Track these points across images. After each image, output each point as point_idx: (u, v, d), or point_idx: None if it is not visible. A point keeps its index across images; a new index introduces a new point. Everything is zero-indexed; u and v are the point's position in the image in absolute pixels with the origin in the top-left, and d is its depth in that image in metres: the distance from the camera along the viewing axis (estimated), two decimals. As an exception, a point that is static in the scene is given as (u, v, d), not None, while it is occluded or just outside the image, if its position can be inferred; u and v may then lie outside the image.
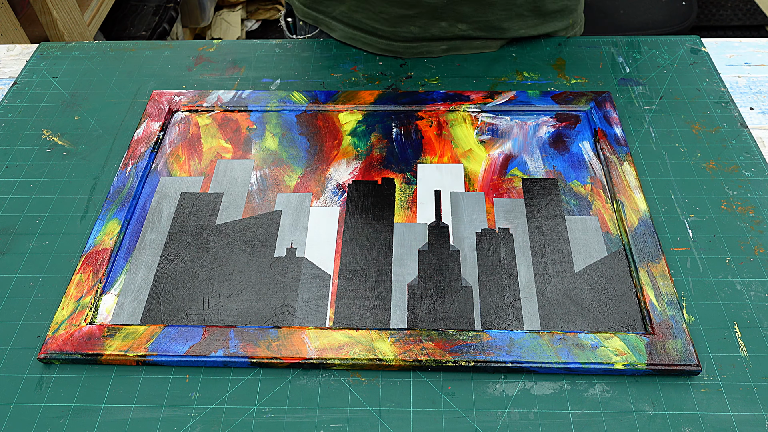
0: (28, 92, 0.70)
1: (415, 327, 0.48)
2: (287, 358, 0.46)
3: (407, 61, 0.72)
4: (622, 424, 0.43)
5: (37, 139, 0.65)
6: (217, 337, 0.47)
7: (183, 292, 0.50)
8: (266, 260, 0.53)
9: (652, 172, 0.59)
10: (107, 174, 0.61)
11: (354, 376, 0.46)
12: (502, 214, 0.55)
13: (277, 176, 0.59)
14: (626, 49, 0.73)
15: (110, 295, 0.50)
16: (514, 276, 0.51)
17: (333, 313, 0.49)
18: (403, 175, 0.59)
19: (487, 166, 0.60)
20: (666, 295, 0.48)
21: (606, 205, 0.56)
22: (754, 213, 0.55)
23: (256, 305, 0.49)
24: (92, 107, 0.68)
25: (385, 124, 0.64)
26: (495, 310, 0.49)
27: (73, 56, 0.75)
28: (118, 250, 0.53)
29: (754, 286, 0.50)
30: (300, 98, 0.66)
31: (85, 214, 0.57)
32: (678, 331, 0.46)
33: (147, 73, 0.72)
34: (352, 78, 0.71)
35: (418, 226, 0.55)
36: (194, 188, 0.59)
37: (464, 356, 0.45)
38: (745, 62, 0.72)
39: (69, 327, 0.48)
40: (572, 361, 0.45)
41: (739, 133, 0.62)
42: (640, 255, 0.51)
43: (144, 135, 0.63)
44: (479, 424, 0.43)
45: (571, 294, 0.50)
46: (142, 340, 0.47)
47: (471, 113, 0.65)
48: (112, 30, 1.64)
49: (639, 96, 0.67)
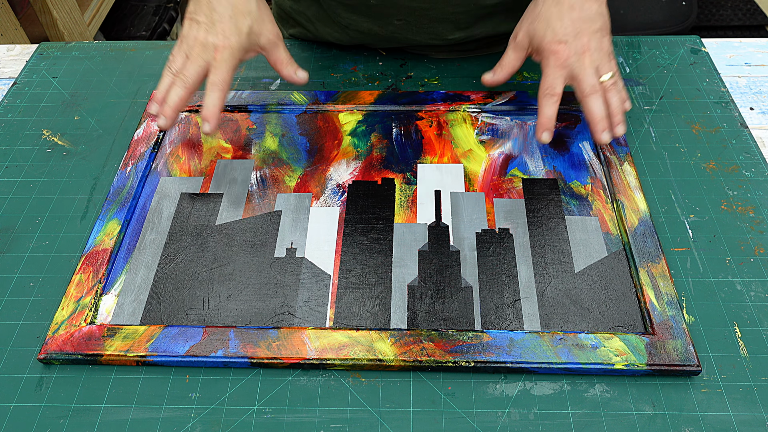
0: (28, 92, 0.70)
1: (415, 327, 0.48)
2: (287, 358, 0.46)
3: (407, 61, 0.72)
4: (622, 424, 0.43)
5: (37, 139, 0.65)
6: (217, 338, 0.47)
7: (183, 292, 0.50)
8: (266, 260, 0.53)
9: (652, 172, 0.59)
10: (107, 174, 0.61)
11: (354, 376, 0.46)
12: (502, 214, 0.55)
13: (277, 176, 0.59)
14: (626, 49, 0.73)
15: (110, 295, 0.50)
16: (514, 276, 0.51)
17: (333, 314, 0.49)
18: (403, 175, 0.59)
19: (487, 166, 0.60)
20: (666, 296, 0.48)
21: (606, 206, 0.56)
22: (754, 213, 0.55)
23: (256, 305, 0.49)
24: (92, 107, 0.68)
25: (385, 124, 0.64)
26: (495, 311, 0.49)
27: (73, 56, 0.75)
28: (118, 250, 0.53)
29: (754, 286, 0.50)
30: (300, 98, 0.66)
31: (85, 214, 0.57)
32: (678, 331, 0.46)
33: (147, 73, 0.72)
34: (352, 78, 0.71)
35: (418, 226, 0.55)
36: (194, 188, 0.58)
37: (464, 356, 0.45)
38: (745, 62, 0.72)
39: (69, 327, 0.48)
40: (572, 361, 0.45)
41: (739, 133, 0.62)
42: (640, 255, 0.51)
43: (144, 135, 0.63)
44: (479, 424, 0.43)
45: (571, 294, 0.50)
46: (142, 341, 0.47)
47: (471, 113, 0.65)
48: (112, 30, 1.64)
49: (639, 96, 0.67)
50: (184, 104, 0.56)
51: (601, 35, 0.55)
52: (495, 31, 0.71)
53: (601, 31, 0.55)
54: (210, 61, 0.55)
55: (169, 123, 0.57)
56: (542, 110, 0.55)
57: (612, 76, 0.55)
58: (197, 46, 0.55)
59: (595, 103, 0.55)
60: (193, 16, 0.57)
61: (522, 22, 0.59)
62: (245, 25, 0.56)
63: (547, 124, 0.55)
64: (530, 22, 0.57)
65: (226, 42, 0.55)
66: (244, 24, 0.56)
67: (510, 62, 0.59)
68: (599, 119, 0.55)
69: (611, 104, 0.55)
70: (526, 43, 0.58)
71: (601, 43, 0.55)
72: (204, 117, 0.55)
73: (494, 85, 0.61)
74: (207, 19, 0.56)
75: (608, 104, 0.55)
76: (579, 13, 0.55)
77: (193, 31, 0.56)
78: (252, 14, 0.57)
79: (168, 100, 0.56)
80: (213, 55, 0.55)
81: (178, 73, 0.56)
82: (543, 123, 0.55)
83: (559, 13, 0.55)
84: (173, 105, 0.56)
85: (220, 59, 0.55)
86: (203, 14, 0.56)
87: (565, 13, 0.55)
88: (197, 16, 0.56)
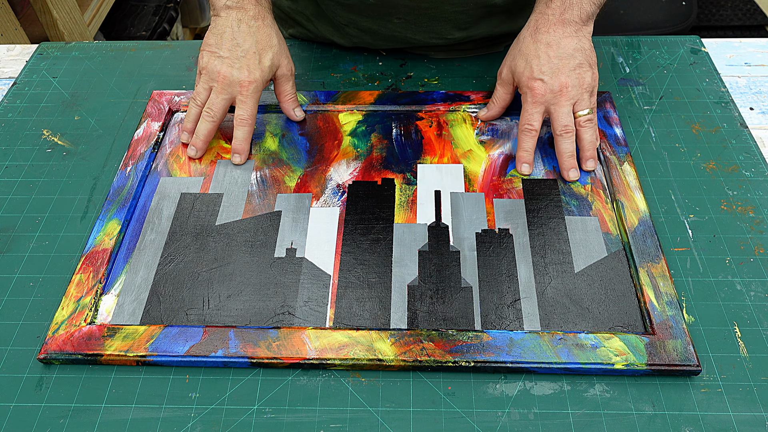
0: (28, 92, 0.70)
1: (415, 327, 0.48)
2: (287, 358, 0.46)
3: (407, 61, 0.72)
4: (622, 424, 0.43)
5: (37, 139, 0.65)
6: (217, 338, 0.47)
7: (183, 292, 0.50)
8: (266, 260, 0.53)
9: (652, 172, 0.59)
10: (107, 174, 0.61)
11: (354, 376, 0.46)
12: (502, 214, 0.55)
13: (277, 176, 0.59)
14: (626, 49, 0.73)
15: (110, 295, 0.50)
16: (514, 276, 0.51)
17: (333, 314, 0.49)
18: (403, 175, 0.59)
19: (487, 166, 0.60)
20: (666, 295, 0.48)
21: (606, 206, 0.56)
22: (754, 213, 0.55)
23: (256, 305, 0.49)
24: (92, 107, 0.68)
25: (385, 125, 0.64)
26: (495, 311, 0.49)
27: (73, 56, 0.75)
28: (118, 250, 0.53)
29: (754, 286, 0.50)
30: (300, 98, 0.66)
31: (85, 214, 0.57)
32: (678, 331, 0.46)
33: (147, 73, 0.72)
34: (352, 78, 0.71)
35: (418, 226, 0.55)
36: (194, 188, 0.59)
37: (464, 356, 0.45)
38: (745, 62, 0.72)
39: (69, 327, 0.48)
40: (572, 361, 0.45)
41: (739, 133, 0.62)
42: (640, 255, 0.51)
43: (144, 135, 0.63)
44: (479, 424, 0.43)
45: (571, 294, 0.50)
46: (142, 341, 0.47)
47: (471, 113, 0.65)
48: (112, 30, 1.64)
49: (639, 96, 0.67)
50: (212, 136, 0.61)
51: (580, 71, 0.57)
52: (494, 32, 0.71)
53: (580, 68, 0.57)
54: (236, 95, 0.59)
55: (201, 153, 0.61)
56: (520, 144, 0.59)
57: (588, 112, 0.58)
58: (222, 81, 0.58)
59: (564, 143, 0.57)
60: (214, 50, 0.59)
61: (506, 59, 0.62)
62: (267, 59, 0.59)
63: (526, 158, 0.59)
64: (512, 58, 0.60)
65: (252, 77, 0.58)
66: (266, 58, 0.59)
67: (500, 97, 0.63)
68: (566, 158, 0.58)
69: (583, 140, 0.58)
70: (510, 79, 0.61)
71: (580, 79, 0.57)
72: (235, 150, 0.60)
73: (490, 120, 0.64)
74: (231, 54, 0.58)
75: (580, 139, 0.58)
76: (556, 50, 0.57)
77: (217, 65, 0.59)
78: (273, 48, 0.60)
79: (198, 134, 0.60)
80: (239, 90, 0.59)
81: (204, 107, 0.60)
82: (522, 156, 0.59)
83: (536, 50, 0.58)
84: (203, 138, 0.60)
85: (246, 94, 0.59)
86: (226, 49, 0.59)
87: (542, 50, 0.57)
88: (220, 51, 0.59)
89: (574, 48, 0.57)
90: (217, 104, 0.59)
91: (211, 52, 0.59)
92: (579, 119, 0.58)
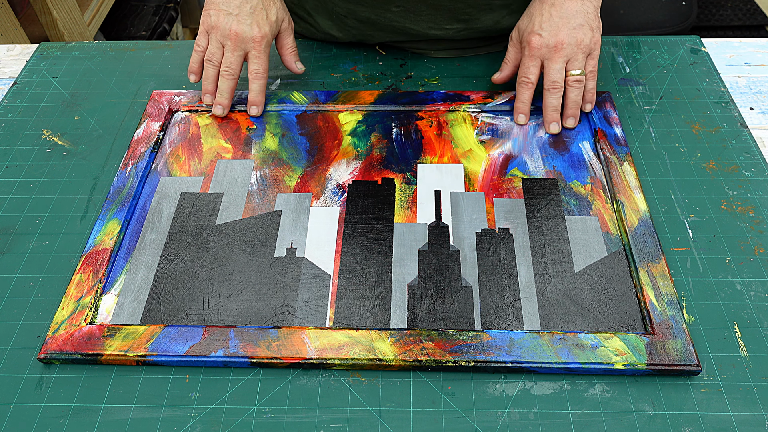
0: (28, 92, 0.70)
1: (415, 327, 0.48)
2: (287, 358, 0.46)
3: (407, 61, 0.72)
4: (622, 424, 0.43)
5: (37, 139, 0.65)
6: (217, 337, 0.47)
7: (183, 292, 0.50)
8: (266, 260, 0.53)
9: (652, 172, 0.59)
10: (107, 174, 0.61)
11: (354, 376, 0.46)
12: (502, 214, 0.55)
13: (277, 176, 0.59)
14: (626, 49, 0.73)
15: (110, 295, 0.50)
16: (514, 276, 0.51)
17: (333, 313, 0.49)
18: (403, 175, 0.59)
19: (487, 166, 0.60)
20: (666, 295, 0.48)
21: (606, 205, 0.56)
22: (754, 213, 0.55)
23: (256, 305, 0.49)
24: (92, 107, 0.68)
25: (385, 124, 0.64)
26: (495, 310, 0.49)
27: (73, 56, 0.75)
28: (118, 250, 0.53)
29: (754, 286, 0.50)
30: (300, 98, 0.66)
31: (85, 214, 0.57)
32: (678, 331, 0.46)
33: (147, 73, 0.72)
34: (352, 78, 0.71)
35: (418, 226, 0.55)
36: (194, 188, 0.59)
37: (464, 356, 0.45)
38: (745, 62, 0.72)
39: (69, 327, 0.48)
40: (572, 361, 0.45)
41: (739, 133, 0.62)
42: (640, 255, 0.51)
43: (144, 135, 0.63)
44: (479, 424, 0.43)
45: (571, 294, 0.50)
46: (142, 340, 0.47)
47: (471, 113, 0.65)
48: (112, 30, 1.64)
49: (639, 96, 0.67)
50: (233, 92, 0.64)
51: (580, 32, 0.60)
52: (495, 26, 0.71)
53: (580, 28, 0.60)
54: (249, 51, 0.62)
55: (227, 111, 0.65)
56: (518, 95, 0.63)
57: (580, 73, 0.60)
58: (234, 38, 0.61)
59: (550, 97, 0.61)
60: (223, 8, 0.61)
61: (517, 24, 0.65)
62: (273, 13, 0.62)
63: (522, 108, 0.63)
64: (521, 19, 0.64)
65: (262, 32, 0.61)
66: (272, 13, 0.62)
67: (511, 57, 0.65)
68: (550, 111, 0.61)
69: (568, 98, 0.61)
70: (518, 37, 0.64)
71: (577, 39, 0.60)
72: (252, 102, 0.64)
73: (503, 82, 0.66)
74: (240, 11, 0.61)
75: (566, 97, 0.61)
76: (559, 10, 0.60)
77: (228, 22, 0.61)
78: (276, 3, 0.63)
79: (222, 92, 0.63)
80: (252, 46, 0.62)
81: (220, 66, 0.63)
82: (518, 107, 0.63)
83: (541, 9, 0.61)
84: (227, 95, 0.64)
85: (260, 49, 0.62)
86: (235, 6, 0.61)
87: (546, 9, 0.60)
88: (227, 7, 0.61)
89: (577, 10, 0.60)
90: (234, 62, 0.62)
91: (219, 9, 0.61)
92: (569, 78, 0.60)
